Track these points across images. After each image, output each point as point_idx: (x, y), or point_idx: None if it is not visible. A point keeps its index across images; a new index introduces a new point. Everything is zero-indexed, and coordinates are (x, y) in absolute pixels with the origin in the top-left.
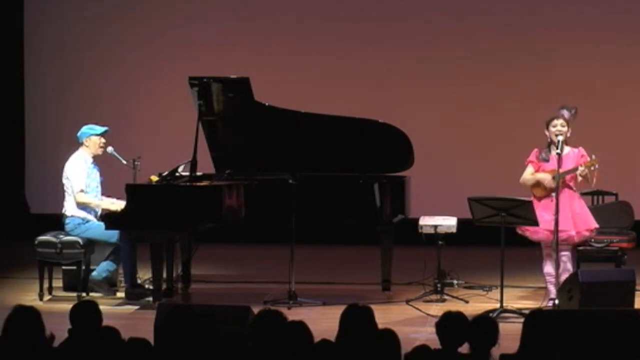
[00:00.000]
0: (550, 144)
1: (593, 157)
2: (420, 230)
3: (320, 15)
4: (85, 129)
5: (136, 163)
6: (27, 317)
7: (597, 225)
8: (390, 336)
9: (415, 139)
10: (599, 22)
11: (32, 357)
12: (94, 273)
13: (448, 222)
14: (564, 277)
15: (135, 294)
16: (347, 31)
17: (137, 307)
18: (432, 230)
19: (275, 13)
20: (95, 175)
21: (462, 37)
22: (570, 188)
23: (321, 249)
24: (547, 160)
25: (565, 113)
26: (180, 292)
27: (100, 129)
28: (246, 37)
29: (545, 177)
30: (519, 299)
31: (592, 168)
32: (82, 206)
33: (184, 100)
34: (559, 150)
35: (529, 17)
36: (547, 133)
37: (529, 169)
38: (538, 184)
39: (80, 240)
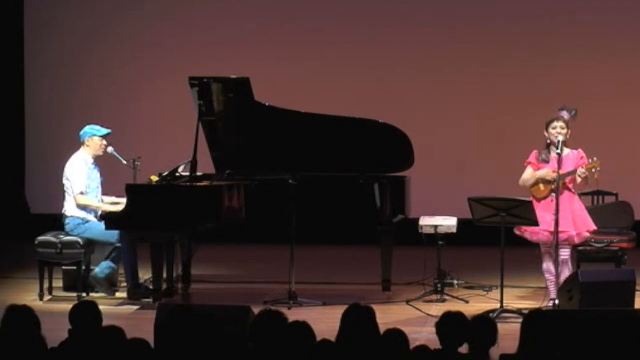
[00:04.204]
0: (549, 145)
1: (595, 159)
2: (420, 230)
3: (321, 15)
4: (87, 128)
5: (136, 163)
6: (21, 316)
7: (595, 227)
8: (398, 336)
9: (415, 139)
10: (599, 24)
11: (31, 356)
12: (96, 270)
13: (448, 222)
14: (563, 276)
15: (137, 293)
16: (347, 31)
17: (137, 307)
18: (432, 230)
19: (276, 14)
20: (96, 175)
21: (463, 38)
22: (570, 190)
23: (321, 249)
24: (547, 162)
25: (565, 114)
26: (180, 292)
27: (103, 131)
28: (246, 37)
29: (547, 173)
30: (519, 299)
31: (594, 170)
32: (81, 206)
33: (184, 101)
34: (558, 151)
35: (529, 18)
36: (546, 134)
37: (528, 170)
38: (537, 184)
39: (80, 240)
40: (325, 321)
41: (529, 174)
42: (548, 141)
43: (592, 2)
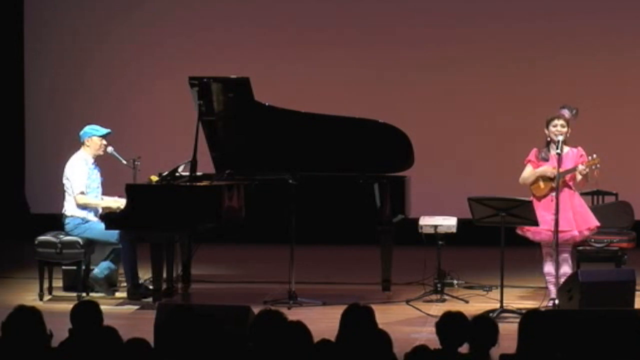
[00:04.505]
0: (549, 143)
1: (594, 156)
2: (420, 230)
3: (321, 15)
4: (87, 128)
5: (136, 163)
6: (28, 317)
7: (598, 224)
8: (382, 337)
9: (415, 139)
10: (600, 24)
11: (33, 357)
12: (95, 271)
13: (448, 222)
14: (563, 277)
15: (137, 293)
16: (347, 31)
17: (137, 307)
18: (432, 230)
19: (276, 14)
20: (96, 175)
21: (462, 37)
22: (570, 187)
23: (321, 249)
24: (546, 160)
25: (566, 113)
26: (180, 292)
27: (103, 131)
28: (246, 38)
29: (546, 169)
30: (519, 299)
31: (594, 167)
32: (82, 206)
33: (184, 101)
34: (558, 150)
35: (529, 19)
36: (546, 132)
37: (528, 168)
38: (537, 181)
39: (80, 240)
40: (325, 321)
41: (529, 172)
42: (548, 139)
43: (592, 2)
